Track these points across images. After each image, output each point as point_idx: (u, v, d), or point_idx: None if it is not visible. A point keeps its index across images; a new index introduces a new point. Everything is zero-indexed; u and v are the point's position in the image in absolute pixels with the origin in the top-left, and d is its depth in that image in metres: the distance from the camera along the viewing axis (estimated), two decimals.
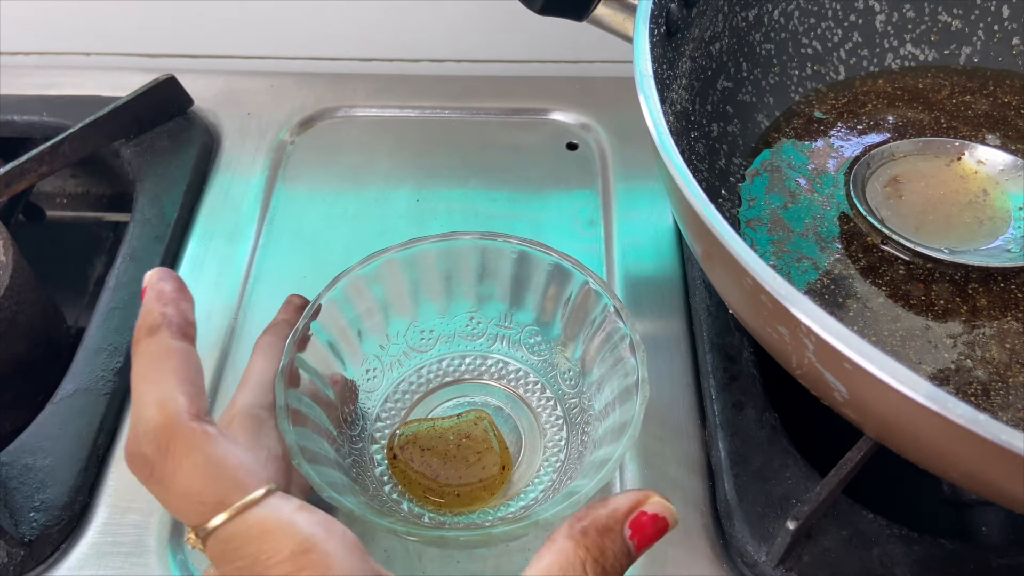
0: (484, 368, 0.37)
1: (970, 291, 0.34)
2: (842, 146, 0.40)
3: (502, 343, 0.37)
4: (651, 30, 0.32)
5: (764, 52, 0.42)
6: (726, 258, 0.24)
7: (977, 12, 0.43)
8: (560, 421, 0.34)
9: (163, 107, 0.49)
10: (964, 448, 0.21)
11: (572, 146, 0.49)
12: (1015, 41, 0.43)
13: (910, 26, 0.44)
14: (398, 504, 0.32)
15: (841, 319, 0.33)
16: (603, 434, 0.31)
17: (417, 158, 0.48)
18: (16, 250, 0.38)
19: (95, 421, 0.36)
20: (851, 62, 0.44)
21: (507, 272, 0.35)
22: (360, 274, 0.33)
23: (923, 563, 0.31)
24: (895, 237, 0.35)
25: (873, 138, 0.41)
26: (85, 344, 0.39)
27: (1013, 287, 0.34)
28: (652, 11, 0.32)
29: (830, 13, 0.43)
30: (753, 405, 0.35)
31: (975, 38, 0.43)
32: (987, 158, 0.38)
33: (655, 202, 0.46)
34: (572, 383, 0.35)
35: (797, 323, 0.22)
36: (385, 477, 0.33)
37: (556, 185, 0.47)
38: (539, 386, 0.36)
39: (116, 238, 0.55)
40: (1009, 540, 0.34)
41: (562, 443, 0.34)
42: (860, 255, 0.36)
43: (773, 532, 0.32)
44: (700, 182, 0.26)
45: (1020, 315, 0.33)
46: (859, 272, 0.35)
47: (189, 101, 0.50)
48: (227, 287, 0.42)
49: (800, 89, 0.43)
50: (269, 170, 0.48)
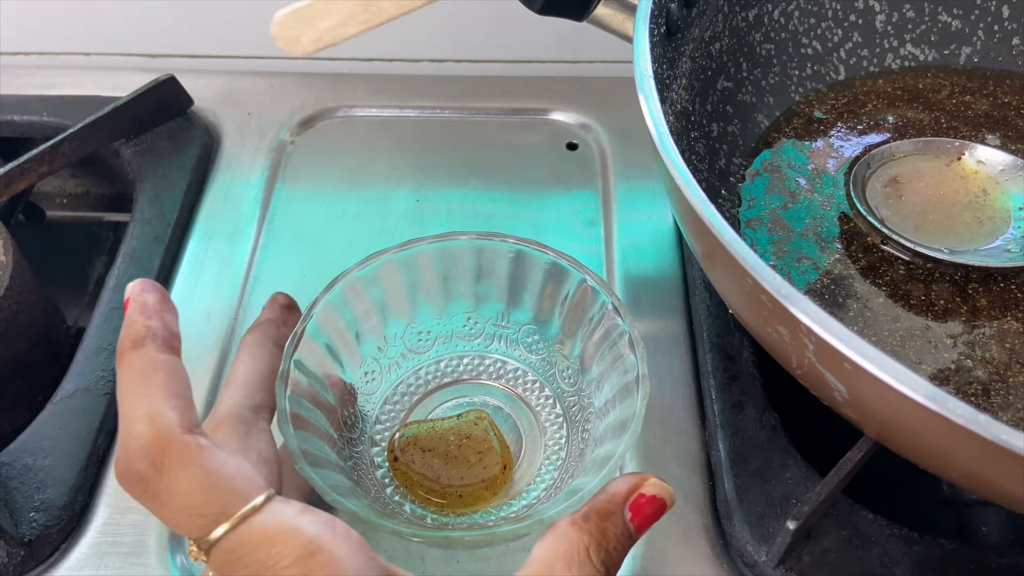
0: (482, 368, 0.37)
1: (970, 291, 0.34)
2: (842, 146, 0.40)
3: (500, 343, 0.37)
4: (651, 30, 0.32)
5: (764, 52, 0.42)
6: (726, 258, 0.24)
7: (977, 12, 0.43)
8: (560, 419, 0.34)
9: (163, 107, 0.49)
10: (964, 448, 0.21)
11: (572, 146, 0.49)
12: (1015, 41, 0.43)
13: (910, 26, 0.44)
14: (400, 506, 0.32)
15: (841, 319, 0.33)
16: (604, 431, 0.31)
17: (417, 158, 0.48)
18: (16, 250, 0.38)
19: (95, 421, 0.36)
20: (851, 62, 0.44)
21: (504, 272, 0.35)
22: (358, 276, 0.33)
23: (923, 563, 0.31)
24: (895, 237, 0.35)
25: (873, 138, 0.41)
26: (85, 344, 0.39)
27: (1013, 287, 0.34)
28: (652, 11, 0.32)
29: (830, 13, 0.43)
30: (753, 405, 0.35)
31: (975, 38, 0.43)
32: (987, 158, 0.38)
33: (655, 202, 0.46)
34: (571, 381, 0.35)
35: (797, 323, 0.22)
36: (386, 479, 0.33)
37: (556, 185, 0.47)
38: (538, 385, 0.36)
39: (116, 238, 0.55)
40: (1009, 540, 0.34)
41: (563, 441, 0.34)
42: (860, 255, 0.36)
43: (773, 532, 0.32)
44: (700, 182, 0.26)
45: (1020, 315, 0.33)
46: (859, 272, 0.35)
47: (189, 101, 0.50)
48: (227, 287, 0.42)
49: (800, 89, 0.43)
50: (269, 170, 0.48)
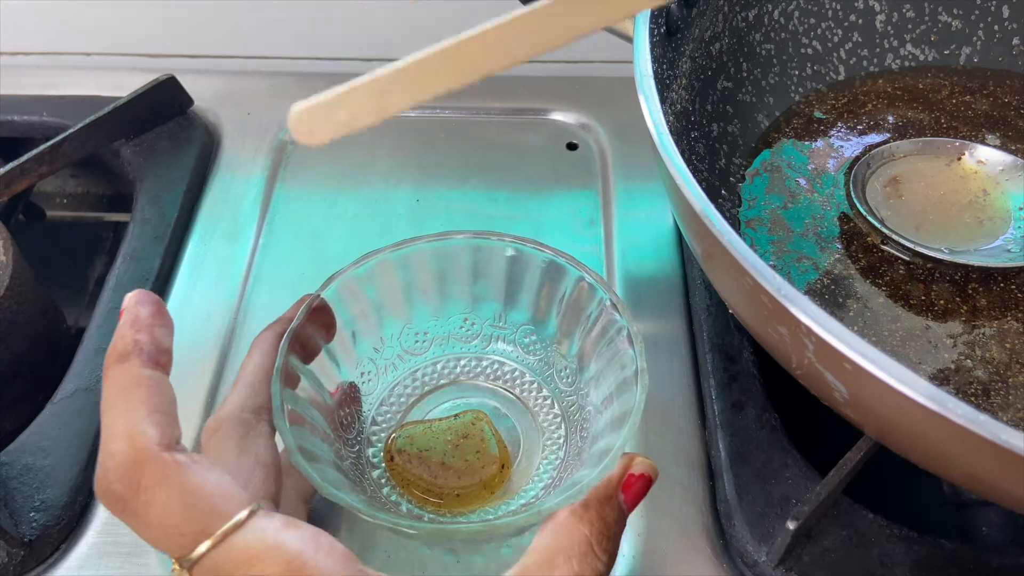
0: (480, 369, 0.36)
1: (970, 291, 0.34)
2: (842, 146, 0.40)
3: (497, 343, 0.37)
4: (651, 30, 0.32)
5: (764, 52, 0.42)
6: (726, 258, 0.24)
7: (977, 12, 0.43)
8: (558, 419, 0.34)
9: (163, 107, 0.49)
10: (964, 448, 0.21)
11: (572, 146, 0.49)
12: (1015, 41, 0.43)
13: (910, 26, 0.44)
14: (397, 506, 0.32)
15: (841, 319, 0.33)
16: (603, 427, 0.31)
17: (417, 158, 0.48)
18: (16, 250, 0.38)
19: (95, 421, 0.36)
20: (851, 62, 0.44)
21: (501, 271, 0.35)
22: (353, 275, 0.33)
23: (923, 563, 0.31)
24: (895, 237, 0.35)
25: (873, 138, 0.41)
26: (85, 344, 0.39)
27: (1013, 287, 0.34)
28: (652, 11, 0.32)
29: (830, 13, 0.43)
30: (753, 405, 0.35)
31: (975, 38, 0.43)
32: (987, 158, 0.38)
33: (655, 202, 0.46)
34: (569, 380, 0.35)
35: (797, 323, 0.22)
36: (383, 480, 0.33)
37: (556, 185, 0.47)
38: (536, 385, 0.36)
39: (116, 238, 0.55)
40: (1009, 540, 0.34)
41: (561, 440, 0.34)
42: (860, 255, 0.36)
43: (773, 532, 0.32)
44: (700, 182, 0.26)
45: (1020, 315, 0.33)
46: (859, 272, 0.35)
47: (189, 101, 0.50)
48: (227, 287, 0.42)
49: (800, 89, 0.43)
50: (269, 170, 0.48)
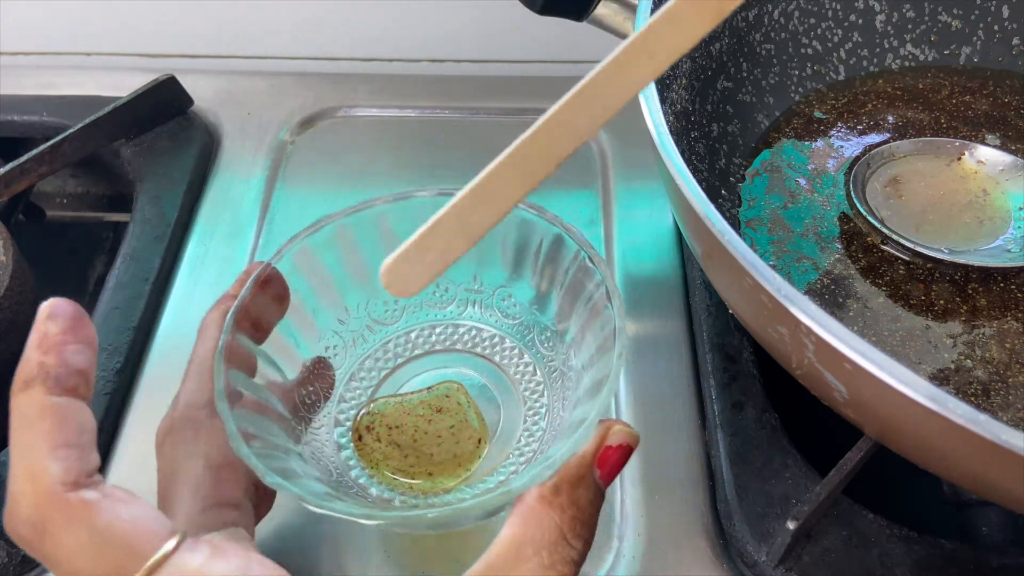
0: (456, 337, 0.34)
1: (970, 291, 0.34)
2: (842, 146, 0.40)
3: (473, 308, 0.34)
4: None
5: (764, 52, 0.42)
6: (726, 258, 0.24)
7: (977, 12, 0.43)
8: (540, 387, 0.32)
9: (163, 107, 0.49)
10: (964, 448, 0.21)
11: None
12: (1015, 41, 0.43)
13: (910, 26, 0.44)
14: (366, 489, 0.30)
15: (841, 319, 0.33)
16: (582, 394, 0.29)
17: (417, 158, 0.48)
18: (16, 250, 0.38)
19: (95, 421, 0.36)
20: (851, 62, 0.44)
21: None
22: (308, 242, 0.30)
23: (923, 563, 0.31)
24: (895, 237, 0.35)
25: (873, 138, 0.41)
26: None
27: (1013, 287, 0.34)
28: (652, 11, 0.32)
29: (830, 13, 0.43)
30: (753, 405, 0.35)
31: (975, 38, 0.43)
32: (987, 158, 0.38)
33: (655, 202, 0.46)
34: (550, 344, 0.33)
35: (797, 323, 0.22)
36: (351, 462, 0.31)
37: (556, 185, 0.47)
38: (516, 351, 0.33)
39: (116, 238, 0.55)
40: (1009, 540, 0.34)
41: (543, 410, 0.32)
42: (860, 255, 0.36)
43: (773, 532, 0.32)
44: (700, 182, 0.26)
45: (1020, 315, 0.33)
46: (859, 272, 0.35)
47: (189, 101, 0.50)
48: (227, 287, 0.42)
49: (800, 89, 0.43)
50: (269, 170, 0.48)
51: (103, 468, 0.36)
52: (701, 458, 0.36)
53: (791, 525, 0.30)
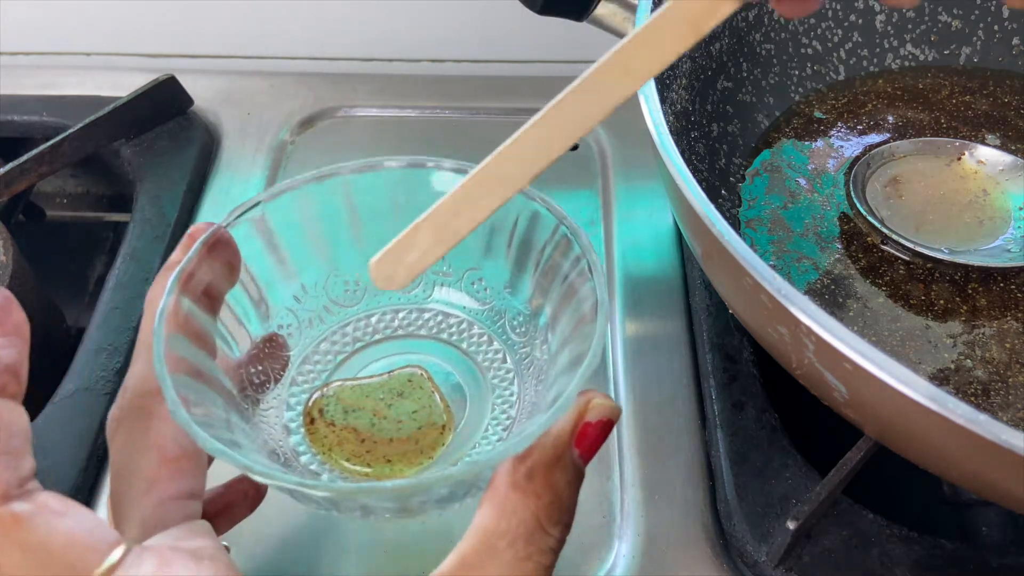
0: (421, 322, 0.32)
1: (970, 291, 0.34)
2: (842, 146, 0.40)
3: (440, 291, 0.32)
4: None
5: (764, 52, 0.42)
6: (726, 258, 0.24)
7: (977, 12, 0.43)
8: (510, 375, 0.31)
9: (163, 107, 0.49)
10: (964, 448, 0.21)
11: (572, 146, 0.49)
12: (1015, 41, 0.43)
13: (910, 26, 0.44)
14: (317, 477, 0.28)
15: (841, 319, 0.33)
16: (558, 372, 0.27)
17: None
18: (16, 250, 0.38)
19: (95, 421, 0.36)
20: (851, 62, 0.44)
21: None
22: (265, 209, 0.28)
23: (923, 563, 0.31)
24: (895, 237, 0.35)
25: (873, 138, 0.41)
26: (85, 344, 0.39)
27: (1013, 287, 0.34)
28: (652, 10, 0.32)
29: (830, 13, 0.43)
30: (753, 405, 0.35)
31: (975, 38, 0.43)
32: (987, 158, 0.38)
33: (655, 202, 0.46)
34: (522, 330, 0.31)
35: (797, 323, 0.22)
36: (301, 448, 0.28)
37: (556, 185, 0.47)
38: (485, 338, 0.31)
39: (116, 238, 0.55)
40: (1009, 540, 0.34)
41: (513, 398, 0.30)
42: (860, 255, 0.36)
43: (773, 532, 0.32)
44: (700, 182, 0.26)
45: (1020, 315, 0.33)
46: (859, 272, 0.35)
47: (189, 101, 0.50)
48: None
49: (800, 89, 0.43)
50: (269, 170, 0.48)
51: (98, 473, 0.36)
52: (701, 458, 0.36)
53: (791, 525, 0.30)
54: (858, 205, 0.36)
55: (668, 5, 0.19)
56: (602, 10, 0.36)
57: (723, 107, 0.40)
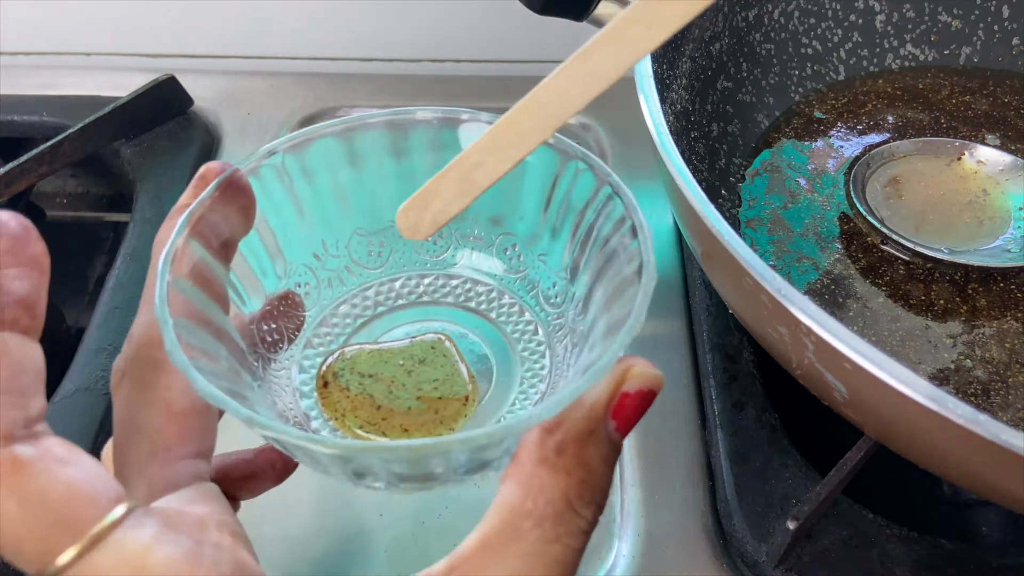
0: (448, 289, 0.30)
1: (970, 291, 0.34)
2: (842, 146, 0.40)
3: (470, 256, 0.31)
4: None
5: (764, 52, 0.42)
6: (726, 258, 0.24)
7: (977, 12, 0.43)
8: (541, 347, 0.29)
9: (163, 107, 0.49)
10: (964, 448, 0.21)
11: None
12: (1015, 41, 0.43)
13: (910, 26, 0.44)
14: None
15: (841, 319, 0.33)
16: (596, 338, 0.26)
17: None
18: None
19: (95, 421, 0.36)
20: (851, 62, 0.44)
21: None
22: (287, 156, 0.26)
23: (923, 563, 0.31)
24: (895, 237, 0.35)
25: (873, 138, 0.41)
26: (85, 344, 0.39)
27: (1013, 287, 0.34)
28: None
29: (830, 13, 0.43)
30: (753, 405, 0.35)
31: (975, 38, 0.43)
32: (987, 158, 0.38)
33: (655, 202, 0.46)
34: (556, 300, 0.29)
35: (797, 323, 0.22)
36: (312, 412, 0.27)
37: None
38: (516, 308, 0.30)
39: (116, 238, 0.55)
40: (1009, 540, 0.34)
41: (543, 372, 0.28)
42: (860, 255, 0.36)
43: (773, 532, 0.32)
44: (700, 182, 0.26)
45: (1020, 315, 0.33)
46: (859, 272, 0.35)
47: (189, 101, 0.50)
48: None
49: (800, 89, 0.43)
50: None
51: None
52: (701, 458, 0.36)
53: (791, 525, 0.30)
54: (858, 205, 0.36)
55: None
56: (602, 10, 0.36)
57: (723, 107, 0.40)
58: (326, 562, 0.33)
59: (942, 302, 0.34)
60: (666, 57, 0.35)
